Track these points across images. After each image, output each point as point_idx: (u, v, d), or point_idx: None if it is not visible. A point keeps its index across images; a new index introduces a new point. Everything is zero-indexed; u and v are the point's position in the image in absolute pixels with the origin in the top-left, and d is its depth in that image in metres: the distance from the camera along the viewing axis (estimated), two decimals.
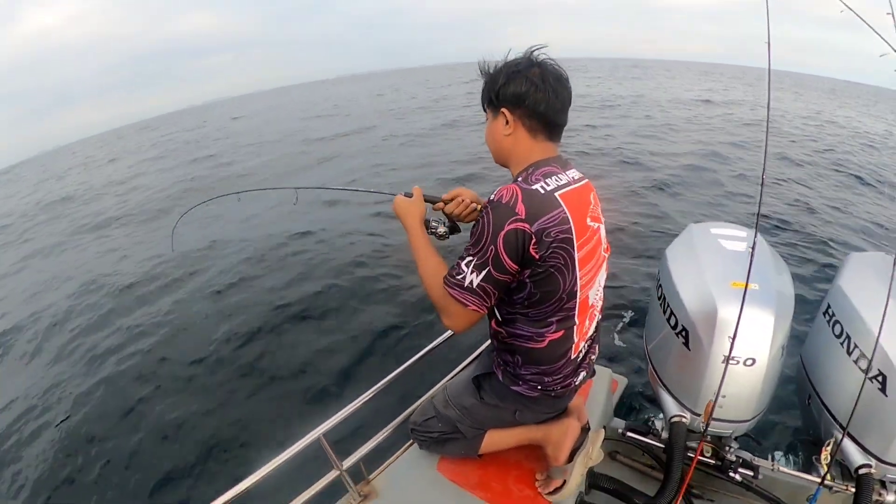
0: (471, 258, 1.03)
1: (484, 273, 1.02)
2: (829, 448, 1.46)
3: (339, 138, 16.22)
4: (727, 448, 1.67)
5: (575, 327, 1.16)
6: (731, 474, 1.62)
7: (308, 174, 11.20)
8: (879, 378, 1.50)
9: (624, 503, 1.56)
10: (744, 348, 1.50)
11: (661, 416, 1.74)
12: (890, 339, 1.50)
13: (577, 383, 1.28)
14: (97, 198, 13.95)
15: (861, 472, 1.52)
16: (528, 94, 1.05)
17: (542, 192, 1.02)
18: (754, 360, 1.50)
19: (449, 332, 1.66)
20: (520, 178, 1.07)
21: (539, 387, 1.23)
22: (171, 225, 2.99)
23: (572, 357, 1.21)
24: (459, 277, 1.05)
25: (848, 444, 1.60)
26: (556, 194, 1.04)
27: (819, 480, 1.63)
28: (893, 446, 1.49)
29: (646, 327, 1.93)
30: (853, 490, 1.51)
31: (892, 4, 1.33)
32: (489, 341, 1.35)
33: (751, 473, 1.62)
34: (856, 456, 1.56)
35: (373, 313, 4.34)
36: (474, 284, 1.04)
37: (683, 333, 1.58)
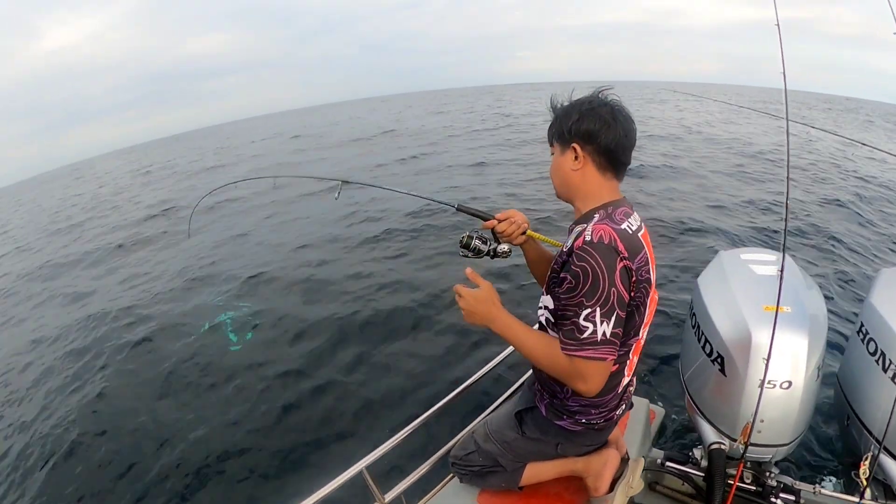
0: (592, 310, 0.98)
1: (614, 318, 0.99)
2: (867, 462, 1.44)
3: None
4: (768, 473, 1.65)
5: (628, 362, 1.19)
6: (773, 500, 1.60)
7: None
8: None
9: None
10: (779, 371, 1.51)
11: (699, 444, 1.73)
12: None
13: (618, 415, 1.30)
14: None
15: None
16: (601, 130, 1.07)
17: (630, 232, 1.06)
18: (790, 383, 1.51)
19: (491, 365, 1.68)
20: (598, 217, 1.09)
21: (584, 420, 1.24)
22: None
23: (619, 391, 1.23)
24: (588, 335, 0.98)
25: (889, 462, 1.58)
26: (639, 235, 1.08)
27: (857, 499, 1.61)
28: None
29: (681, 357, 1.94)
30: None
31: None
32: (529, 373, 1.35)
33: (792, 498, 1.60)
34: None
35: (415, 345, 4.21)
36: (608, 335, 0.99)
37: (719, 360, 1.59)
